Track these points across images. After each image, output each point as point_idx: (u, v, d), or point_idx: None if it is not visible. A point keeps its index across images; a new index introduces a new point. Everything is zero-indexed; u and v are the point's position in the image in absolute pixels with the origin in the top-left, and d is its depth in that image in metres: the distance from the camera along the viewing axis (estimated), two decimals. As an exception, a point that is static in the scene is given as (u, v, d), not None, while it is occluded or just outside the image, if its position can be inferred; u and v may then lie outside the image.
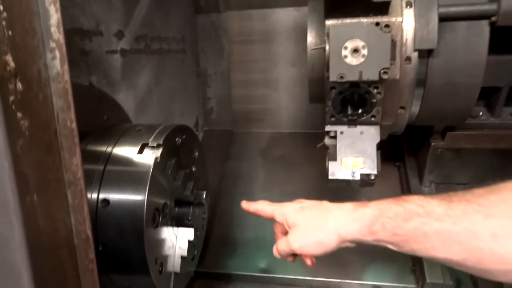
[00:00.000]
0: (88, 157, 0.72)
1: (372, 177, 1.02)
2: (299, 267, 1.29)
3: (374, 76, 0.83)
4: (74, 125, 0.39)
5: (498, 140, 1.17)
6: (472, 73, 0.96)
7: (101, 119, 0.89)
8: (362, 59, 0.83)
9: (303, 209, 0.77)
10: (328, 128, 1.08)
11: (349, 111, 1.03)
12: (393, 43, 0.87)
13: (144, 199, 0.65)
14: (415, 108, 1.07)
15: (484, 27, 0.92)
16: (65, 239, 0.39)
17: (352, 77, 0.84)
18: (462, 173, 1.33)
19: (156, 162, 0.69)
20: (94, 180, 0.68)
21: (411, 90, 1.00)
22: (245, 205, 0.88)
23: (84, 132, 0.78)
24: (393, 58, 0.87)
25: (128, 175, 0.68)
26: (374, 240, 0.67)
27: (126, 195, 0.66)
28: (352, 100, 1.02)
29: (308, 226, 0.73)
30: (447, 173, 1.35)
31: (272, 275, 1.31)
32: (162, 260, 0.72)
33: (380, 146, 1.05)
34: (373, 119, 1.03)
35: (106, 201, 0.67)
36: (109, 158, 0.70)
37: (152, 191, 0.67)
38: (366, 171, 1.02)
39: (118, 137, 0.74)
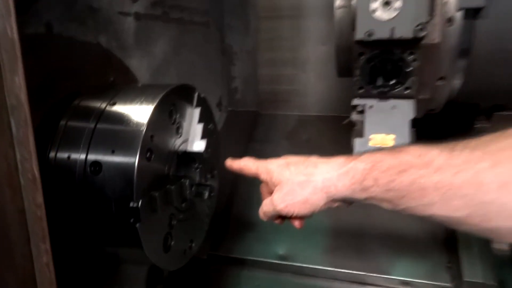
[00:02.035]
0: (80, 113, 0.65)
1: (404, 157, 0.90)
2: (322, 255, 1.20)
3: (408, 33, 0.71)
4: (15, 35, 0.31)
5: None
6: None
7: (106, 80, 0.82)
8: (394, 13, 0.71)
9: (288, 165, 0.68)
10: (355, 101, 0.97)
11: (380, 82, 0.92)
12: (433, -4, 0.75)
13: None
14: (457, 82, 0.94)
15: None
16: (6, 176, 0.33)
17: (382, 34, 0.73)
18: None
19: (149, 121, 0.61)
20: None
21: (453, 58, 0.87)
22: (229, 162, 0.80)
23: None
24: (431, 13, 0.75)
25: (120, 132, 0.61)
26: (367, 198, 0.59)
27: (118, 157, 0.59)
28: (384, 70, 0.91)
29: (294, 184, 0.65)
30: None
31: (290, 263, 1.21)
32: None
33: (415, 126, 0.93)
34: (407, 91, 0.91)
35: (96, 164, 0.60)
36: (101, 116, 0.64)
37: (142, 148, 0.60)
38: (397, 149, 0.90)
39: (116, 93, 0.67)
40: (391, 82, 0.90)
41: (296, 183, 0.64)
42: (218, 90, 1.65)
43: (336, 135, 1.54)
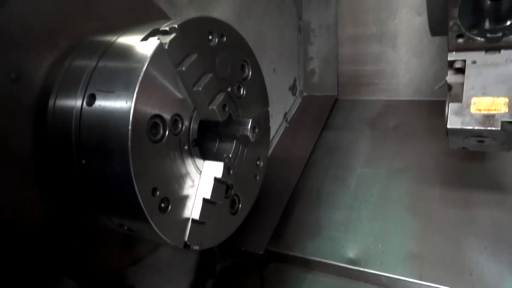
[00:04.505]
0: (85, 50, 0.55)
1: (523, 128, 0.64)
2: (404, 262, 0.95)
3: None
4: None
5: None
6: None
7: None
8: None
9: None
10: (452, 56, 0.73)
11: (488, 25, 0.67)
12: None
13: (133, 98, 0.45)
14: None
15: None
16: None
17: None
18: None
19: (160, 50, 0.48)
20: (85, 75, 0.51)
21: None
22: None
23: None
24: None
25: (122, 68, 0.49)
26: None
27: (115, 93, 0.47)
28: (493, 6, 0.66)
29: None
30: None
31: (363, 269, 0.98)
32: (168, 195, 0.50)
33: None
34: (530, 36, 0.64)
35: (92, 97, 0.49)
36: (107, 50, 0.52)
37: (148, 91, 0.46)
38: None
39: (128, 28, 0.56)
40: (505, 24, 0.65)
41: None
42: (292, 71, 1.49)
43: (429, 122, 1.28)
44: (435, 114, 1.30)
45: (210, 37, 0.57)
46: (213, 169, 0.56)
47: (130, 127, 0.46)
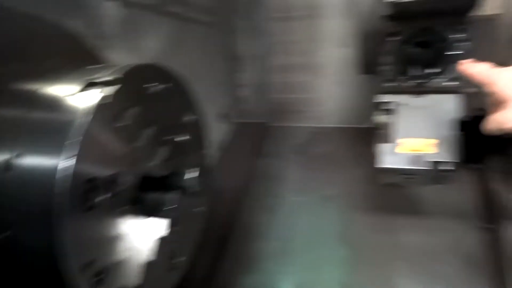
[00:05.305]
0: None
1: (447, 167, 0.69)
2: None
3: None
4: None
5: None
6: None
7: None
8: (441, -37, 0.52)
9: None
10: (382, 98, 0.77)
11: (416, 72, 0.72)
12: None
13: (68, 160, 0.39)
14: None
15: None
16: None
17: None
18: None
19: (103, 103, 0.43)
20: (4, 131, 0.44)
21: (513, 37, 0.67)
22: (465, 65, 0.65)
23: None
24: None
25: (53, 124, 0.43)
26: None
27: (42, 153, 0.41)
28: (421, 55, 0.71)
29: None
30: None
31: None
32: (104, 266, 0.44)
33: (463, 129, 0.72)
34: (452, 82, 0.71)
35: (12, 159, 0.42)
36: (31, 100, 0.46)
37: (86, 150, 0.41)
38: (437, 157, 0.70)
39: (57, 72, 0.50)
40: (431, 71, 0.71)
41: None
42: (224, 100, 1.48)
43: (356, 149, 1.35)
44: (359, 141, 1.38)
45: (151, 85, 0.54)
46: (157, 226, 0.52)
47: (61, 194, 0.40)
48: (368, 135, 0.89)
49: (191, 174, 0.58)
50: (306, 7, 1.39)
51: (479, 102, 0.77)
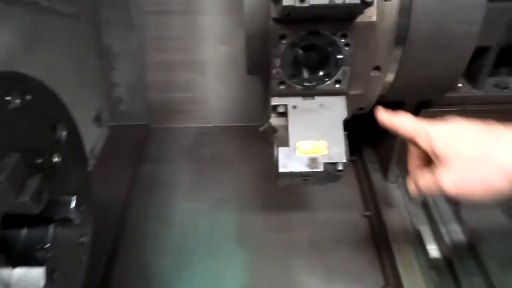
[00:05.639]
0: None
1: (340, 167, 0.72)
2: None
3: (354, -3, 0.52)
4: None
5: (482, 118, 0.94)
6: (468, 17, 0.70)
7: None
8: (333, -32, 0.52)
9: (458, 134, 0.54)
10: (275, 101, 0.76)
11: (305, 75, 0.73)
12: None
13: None
14: (390, 75, 0.79)
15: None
16: None
17: (318, -2, 0.53)
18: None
19: None
20: None
21: (389, 43, 0.72)
22: (382, 114, 0.61)
23: None
24: None
25: None
26: None
27: None
28: (309, 58, 0.72)
29: (468, 160, 0.51)
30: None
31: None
32: None
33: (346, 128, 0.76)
34: (338, 85, 0.73)
35: None
36: None
37: None
38: (332, 158, 0.72)
39: None
40: (319, 74, 0.72)
41: (471, 159, 0.50)
42: (95, 101, 1.32)
43: (245, 147, 1.34)
44: (246, 139, 1.38)
45: (9, 98, 0.42)
46: (30, 278, 0.41)
47: None
48: (255, 132, 0.88)
49: (69, 202, 0.48)
50: (183, 2, 1.32)
51: (358, 103, 0.82)
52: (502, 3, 0.77)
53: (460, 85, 0.94)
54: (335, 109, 0.75)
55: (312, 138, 0.73)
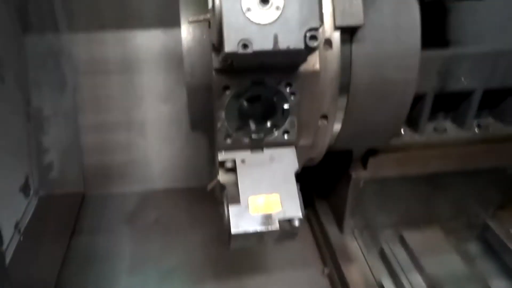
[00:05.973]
0: None
1: (297, 223, 0.67)
2: None
3: (298, 42, 0.51)
4: None
5: (426, 163, 0.96)
6: (405, 63, 0.72)
7: None
8: (276, 14, 0.50)
9: None
10: (222, 156, 0.71)
11: (252, 127, 0.69)
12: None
13: None
14: (337, 125, 0.78)
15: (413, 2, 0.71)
16: None
17: (262, 44, 0.50)
18: (388, 213, 1.08)
19: None
20: None
21: (334, 91, 0.71)
22: None
23: None
24: (321, 17, 0.58)
25: None
26: None
27: None
28: (254, 111, 0.69)
29: None
30: (370, 215, 1.08)
31: None
32: None
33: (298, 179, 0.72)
34: (286, 136, 0.70)
35: None
36: None
37: None
38: (287, 214, 0.66)
39: None
40: (266, 125, 0.68)
41: None
42: (22, 169, 1.19)
43: (192, 210, 1.26)
44: (193, 201, 1.29)
45: None
46: None
47: None
48: (203, 194, 0.81)
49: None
50: (118, 62, 1.27)
51: (307, 154, 0.80)
52: (432, 51, 0.81)
53: (401, 130, 0.95)
54: (285, 161, 0.71)
55: (264, 192, 0.68)
